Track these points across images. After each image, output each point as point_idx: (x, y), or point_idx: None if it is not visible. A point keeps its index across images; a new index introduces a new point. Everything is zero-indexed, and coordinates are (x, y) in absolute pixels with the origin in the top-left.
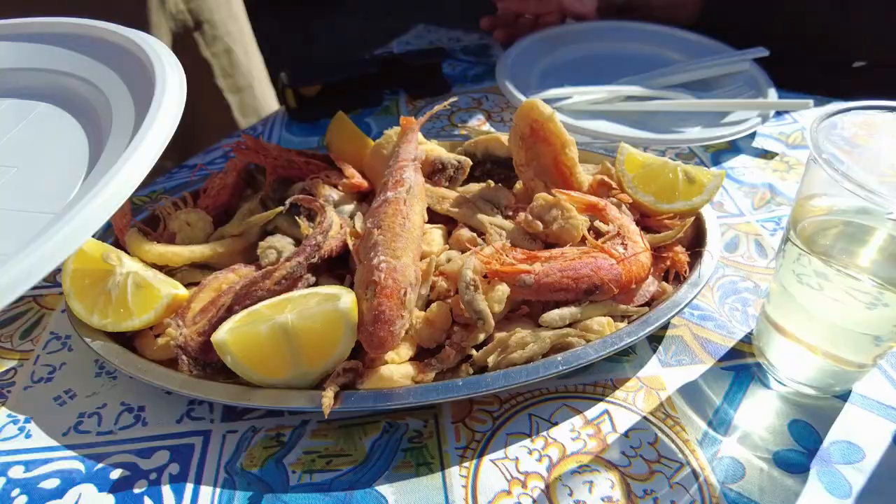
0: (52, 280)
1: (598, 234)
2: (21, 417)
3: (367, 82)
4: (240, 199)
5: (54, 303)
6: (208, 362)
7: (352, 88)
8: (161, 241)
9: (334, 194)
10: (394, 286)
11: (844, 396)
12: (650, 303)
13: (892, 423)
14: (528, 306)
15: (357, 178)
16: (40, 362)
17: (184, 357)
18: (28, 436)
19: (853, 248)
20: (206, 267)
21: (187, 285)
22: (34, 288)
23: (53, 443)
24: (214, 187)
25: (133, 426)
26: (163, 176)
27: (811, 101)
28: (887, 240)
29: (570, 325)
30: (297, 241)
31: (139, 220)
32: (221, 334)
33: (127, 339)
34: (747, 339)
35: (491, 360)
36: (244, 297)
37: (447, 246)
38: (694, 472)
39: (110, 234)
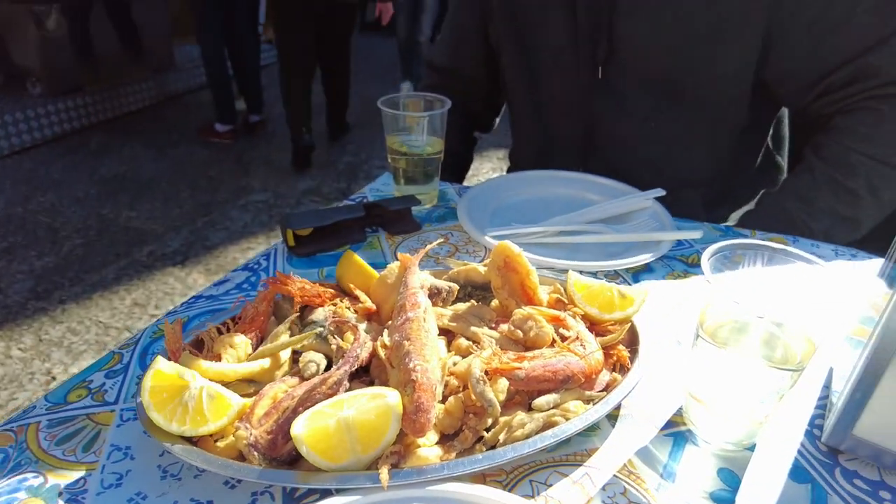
0: (101, 400)
1: (562, 338)
2: None
3: (352, 224)
4: (267, 324)
5: (107, 419)
6: (275, 457)
7: (339, 229)
8: (209, 360)
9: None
10: (428, 383)
11: (751, 448)
12: (606, 388)
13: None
14: (518, 395)
15: (368, 303)
16: (107, 470)
17: (255, 453)
18: None
19: (741, 337)
20: (251, 380)
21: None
22: (86, 407)
23: None
24: (249, 315)
25: None
26: (181, 306)
27: (700, 232)
28: (761, 330)
29: (553, 408)
30: (325, 355)
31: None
32: (298, 429)
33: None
34: (678, 412)
35: (501, 437)
36: (306, 400)
37: (452, 352)
38: None
39: (163, 354)
